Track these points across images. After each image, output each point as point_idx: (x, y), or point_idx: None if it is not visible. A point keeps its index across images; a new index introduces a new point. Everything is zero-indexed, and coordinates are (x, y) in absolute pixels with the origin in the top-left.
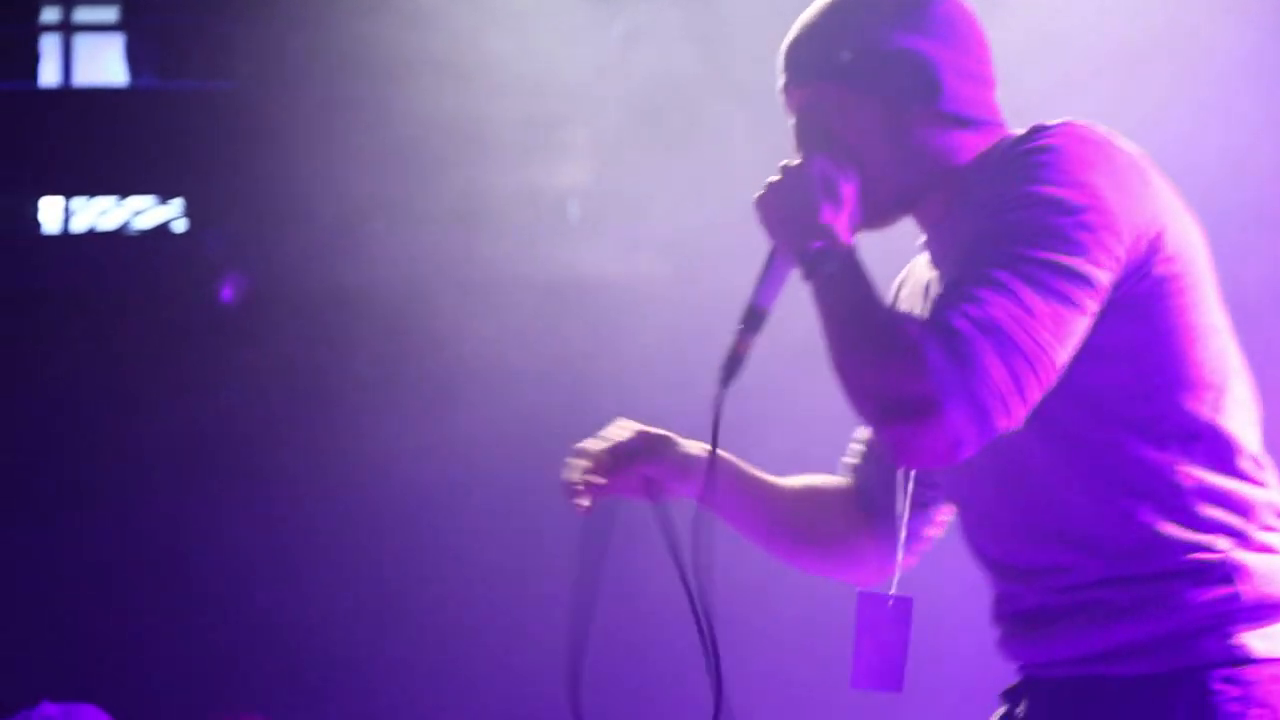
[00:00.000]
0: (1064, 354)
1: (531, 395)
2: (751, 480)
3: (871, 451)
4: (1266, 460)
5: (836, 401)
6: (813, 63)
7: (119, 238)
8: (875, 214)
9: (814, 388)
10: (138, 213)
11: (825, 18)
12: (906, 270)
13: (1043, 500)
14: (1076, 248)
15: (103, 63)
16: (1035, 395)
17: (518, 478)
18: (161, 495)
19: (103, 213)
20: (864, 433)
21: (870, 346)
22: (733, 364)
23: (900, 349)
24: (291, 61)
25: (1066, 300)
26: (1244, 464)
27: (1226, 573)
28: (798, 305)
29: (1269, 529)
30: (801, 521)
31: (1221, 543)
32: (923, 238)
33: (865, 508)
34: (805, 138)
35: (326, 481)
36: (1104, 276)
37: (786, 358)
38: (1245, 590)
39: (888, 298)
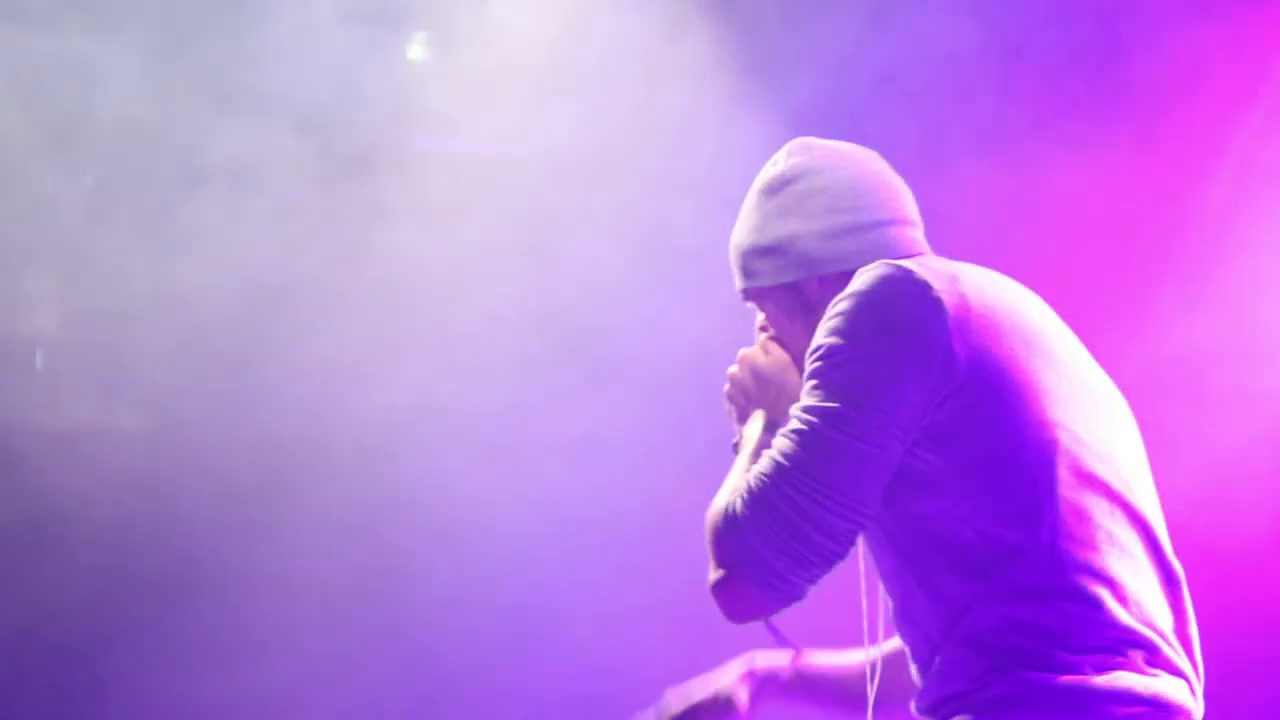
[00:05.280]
0: (854, 495)
1: None
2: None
3: None
4: (1120, 572)
5: None
6: (736, 272)
7: None
8: None
9: None
10: None
11: (735, 229)
12: None
13: (898, 599)
14: (857, 399)
15: None
16: (817, 557)
17: None
18: None
19: None
20: None
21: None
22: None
23: (718, 517)
24: None
25: (849, 450)
26: (1077, 577)
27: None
28: None
29: (1082, 651)
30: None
31: (1012, 664)
32: None
33: None
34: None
35: None
36: (893, 416)
37: None
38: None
39: None
